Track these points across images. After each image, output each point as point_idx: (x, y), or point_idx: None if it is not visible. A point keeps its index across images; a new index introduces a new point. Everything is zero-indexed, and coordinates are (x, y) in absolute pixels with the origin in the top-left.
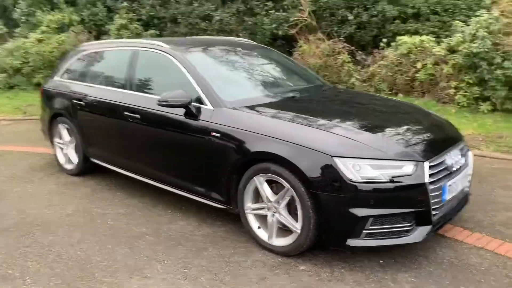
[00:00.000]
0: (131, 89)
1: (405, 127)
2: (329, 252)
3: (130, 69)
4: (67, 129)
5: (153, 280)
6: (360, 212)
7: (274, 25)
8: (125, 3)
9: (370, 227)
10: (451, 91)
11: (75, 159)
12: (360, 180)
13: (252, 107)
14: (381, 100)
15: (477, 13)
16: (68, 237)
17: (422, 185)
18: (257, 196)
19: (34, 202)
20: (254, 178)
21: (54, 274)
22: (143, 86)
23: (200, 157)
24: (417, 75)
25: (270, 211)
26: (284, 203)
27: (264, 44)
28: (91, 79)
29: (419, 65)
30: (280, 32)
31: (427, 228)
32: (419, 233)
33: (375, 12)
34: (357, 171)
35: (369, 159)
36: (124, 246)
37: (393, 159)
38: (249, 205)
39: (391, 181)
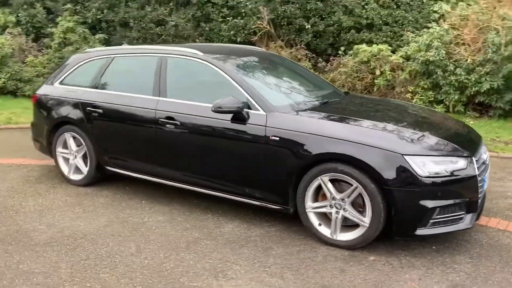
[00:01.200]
0: (164, 96)
1: (447, 128)
2: (387, 242)
3: (159, 76)
4: (74, 138)
5: (241, 280)
6: (429, 203)
7: (232, 32)
8: (68, 5)
9: (436, 217)
10: (408, 95)
11: (84, 168)
12: (428, 175)
13: (303, 111)
14: (405, 105)
15: (429, 25)
16: (122, 247)
17: (474, 177)
18: (316, 195)
19: (58, 215)
20: (319, 177)
21: (138, 283)
22: (180, 93)
23: (255, 160)
24: (375, 80)
25: (334, 208)
26: (350, 199)
27: None
28: (108, 85)
29: (377, 71)
30: (238, 39)
31: (473, 215)
32: (469, 220)
33: (331, 22)
34: (424, 167)
35: (432, 156)
36: (188, 251)
37: (450, 155)
38: (309, 204)
39: (452, 174)
